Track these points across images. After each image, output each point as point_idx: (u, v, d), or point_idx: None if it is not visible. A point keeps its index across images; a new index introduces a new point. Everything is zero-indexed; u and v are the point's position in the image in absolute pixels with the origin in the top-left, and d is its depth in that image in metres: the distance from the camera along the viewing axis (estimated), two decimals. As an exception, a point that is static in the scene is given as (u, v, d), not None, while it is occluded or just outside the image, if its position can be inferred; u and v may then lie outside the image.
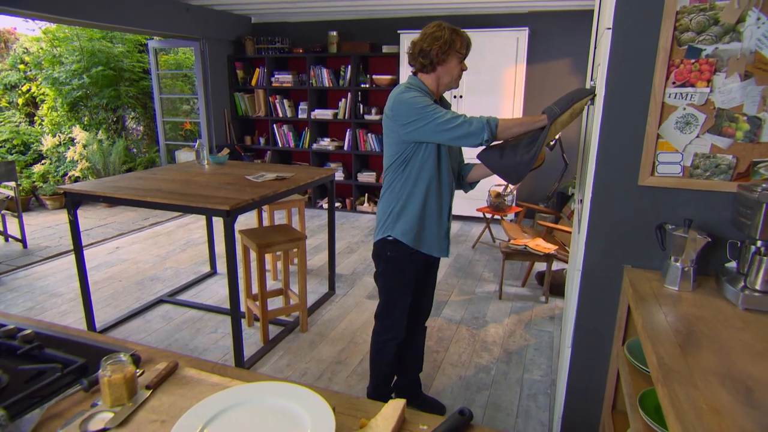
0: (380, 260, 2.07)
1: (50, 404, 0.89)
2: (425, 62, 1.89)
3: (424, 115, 1.79)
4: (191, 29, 5.56)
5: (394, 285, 2.07)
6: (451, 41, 1.86)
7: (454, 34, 1.87)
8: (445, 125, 1.76)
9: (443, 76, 1.92)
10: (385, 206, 2.02)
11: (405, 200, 1.95)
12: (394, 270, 2.05)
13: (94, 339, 1.11)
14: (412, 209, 1.95)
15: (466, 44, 1.92)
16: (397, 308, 2.10)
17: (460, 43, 1.89)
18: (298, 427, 0.79)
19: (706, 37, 1.45)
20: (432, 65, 1.89)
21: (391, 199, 1.99)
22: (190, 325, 3.26)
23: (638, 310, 1.36)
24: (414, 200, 1.95)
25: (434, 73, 1.91)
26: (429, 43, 1.86)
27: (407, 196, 1.95)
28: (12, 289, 3.81)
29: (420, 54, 1.89)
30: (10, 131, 6.75)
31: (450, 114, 1.78)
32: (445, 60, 1.88)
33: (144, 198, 2.61)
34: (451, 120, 1.76)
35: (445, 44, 1.85)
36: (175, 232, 5.31)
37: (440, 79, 1.92)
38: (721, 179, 1.52)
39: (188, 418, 0.79)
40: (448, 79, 1.93)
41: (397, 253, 2.00)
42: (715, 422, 0.89)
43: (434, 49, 1.85)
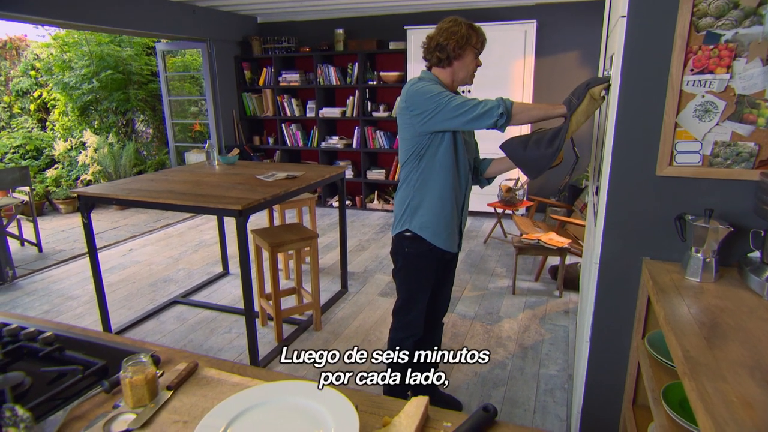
0: (399, 257, 2.06)
1: (73, 406, 0.89)
2: (442, 56, 1.88)
3: (438, 102, 1.76)
4: (198, 31, 5.57)
5: (413, 282, 2.06)
6: (468, 36, 1.85)
7: (471, 30, 1.87)
8: (459, 108, 1.73)
9: (459, 71, 1.90)
10: (402, 200, 2.00)
11: (422, 194, 1.94)
12: (413, 267, 2.04)
13: (113, 340, 1.11)
14: (429, 203, 1.93)
15: (482, 40, 1.91)
16: (416, 305, 2.09)
17: (476, 38, 1.88)
18: (321, 426, 0.78)
19: (726, 21, 1.41)
20: (448, 60, 1.88)
21: (408, 192, 1.97)
22: (204, 325, 3.27)
23: (659, 303, 1.34)
24: (431, 194, 1.93)
25: (450, 67, 1.90)
26: (446, 38, 1.85)
27: (424, 189, 1.93)
28: (29, 292, 3.85)
29: (436, 48, 1.88)
30: (23, 137, 6.83)
31: (463, 98, 1.76)
32: (462, 55, 1.87)
33: (156, 200, 2.61)
34: (464, 103, 1.73)
35: (462, 39, 1.84)
36: (187, 233, 5.34)
37: (456, 74, 1.91)
38: (742, 167, 1.49)
39: (211, 418, 0.78)
40: (463, 74, 1.91)
41: (415, 249, 1.99)
42: (748, 415, 0.87)
43: (451, 43, 1.84)
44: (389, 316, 3.31)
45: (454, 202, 1.97)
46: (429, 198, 1.93)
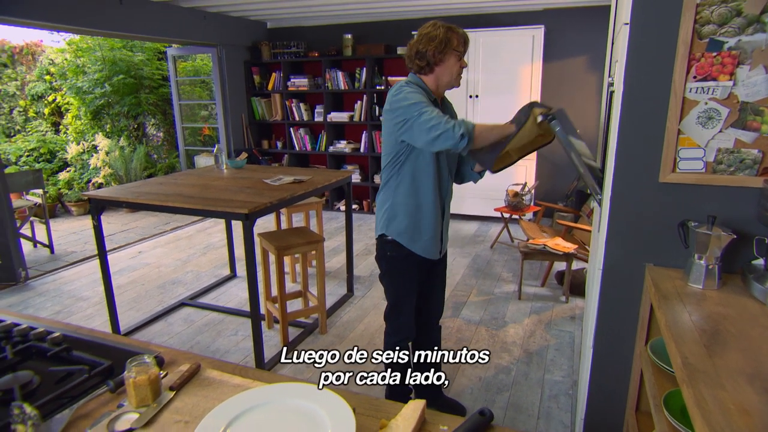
0: (382, 261, 2.07)
1: (79, 405, 0.92)
2: (422, 64, 1.85)
3: (411, 113, 1.72)
4: (208, 36, 5.65)
5: (398, 285, 2.07)
6: (447, 40, 1.81)
7: (450, 32, 1.82)
8: (423, 125, 1.69)
9: (442, 75, 1.87)
10: (381, 203, 2.01)
11: (400, 200, 1.94)
12: (397, 270, 2.05)
13: (119, 341, 1.14)
14: (407, 209, 1.94)
15: (463, 41, 1.86)
16: (404, 308, 2.10)
17: (457, 40, 1.84)
18: (318, 427, 0.79)
19: (729, 29, 1.42)
20: (429, 66, 1.85)
21: (387, 197, 1.98)
22: (211, 327, 3.31)
23: (661, 309, 1.34)
24: (409, 200, 1.93)
25: (432, 74, 1.87)
26: (425, 44, 1.82)
27: (403, 195, 1.93)
28: (41, 293, 3.91)
29: (416, 56, 1.85)
30: (38, 140, 6.95)
31: (431, 115, 1.69)
32: (443, 60, 1.83)
33: (165, 203, 2.65)
34: (429, 121, 1.68)
35: (441, 44, 1.80)
36: (195, 236, 5.39)
37: (439, 79, 1.88)
38: (746, 174, 1.49)
39: (211, 418, 0.80)
40: (447, 78, 1.88)
41: (396, 253, 2.00)
42: (744, 423, 0.87)
43: (430, 49, 1.81)
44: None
45: (433, 209, 1.97)
46: (407, 204, 1.94)
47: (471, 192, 5.51)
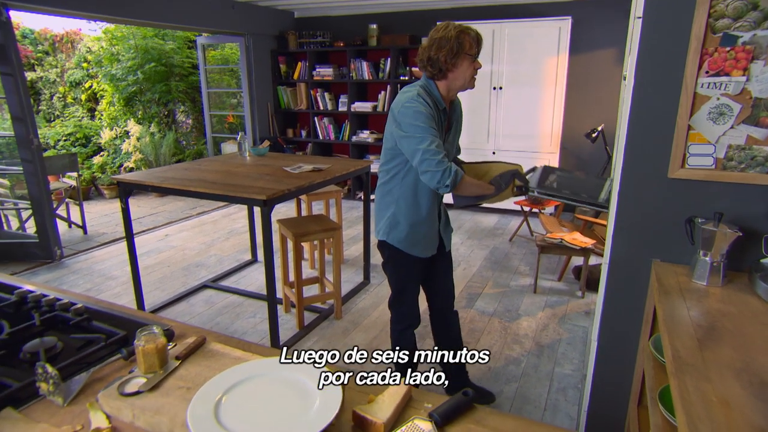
0: (384, 251, 2.13)
1: (95, 369, 1.00)
2: (434, 71, 1.83)
3: (416, 135, 1.76)
4: (236, 25, 5.75)
5: (401, 274, 2.12)
6: (459, 45, 1.77)
7: (462, 35, 1.78)
8: (422, 155, 1.74)
9: (455, 80, 1.85)
10: (382, 209, 2.05)
11: (403, 210, 1.98)
12: (398, 261, 2.09)
13: (135, 315, 1.22)
14: (409, 220, 1.98)
15: (476, 42, 1.83)
16: (407, 296, 2.14)
17: (470, 43, 1.79)
18: (308, 397, 0.85)
19: (744, 23, 1.40)
20: (442, 73, 1.83)
21: (389, 204, 2.01)
22: (230, 309, 3.43)
23: (660, 304, 1.35)
24: (411, 211, 1.97)
25: (446, 80, 1.85)
26: (436, 50, 1.79)
27: (405, 206, 1.97)
28: (74, 271, 4.12)
29: (428, 62, 1.82)
30: (74, 125, 7.24)
31: (434, 147, 1.74)
32: (456, 65, 1.80)
33: (188, 188, 2.76)
34: (431, 152, 1.73)
35: (452, 50, 1.77)
36: (220, 221, 5.55)
37: (452, 84, 1.86)
38: (757, 171, 1.47)
39: (210, 386, 0.87)
40: (460, 83, 1.86)
41: (396, 252, 2.05)
42: (723, 414, 0.89)
43: (442, 56, 1.78)
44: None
45: (433, 216, 2.04)
46: (408, 215, 1.98)
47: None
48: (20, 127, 3.89)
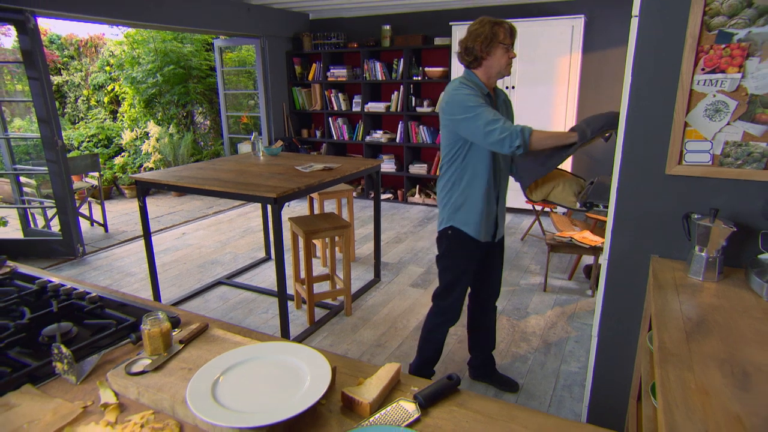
0: (442, 243, 2.20)
1: (106, 352, 1.07)
2: (469, 59, 1.99)
3: (471, 115, 1.90)
4: (252, 27, 5.86)
5: (454, 268, 2.19)
6: (493, 34, 1.92)
7: (496, 27, 1.93)
8: (484, 128, 1.86)
9: (491, 68, 1.99)
10: (445, 197, 2.15)
11: (465, 193, 2.07)
12: (455, 254, 2.17)
13: (145, 303, 1.30)
14: (472, 201, 2.06)
15: (509, 33, 1.96)
16: (455, 291, 2.21)
17: (503, 33, 1.94)
18: (300, 377, 0.91)
19: (739, 20, 1.41)
20: (477, 61, 1.98)
21: (449, 190, 2.11)
22: (244, 305, 3.51)
23: (654, 298, 1.37)
24: (473, 193, 2.06)
25: (481, 67, 2.00)
26: (472, 41, 1.96)
27: (466, 189, 2.06)
28: (95, 267, 4.27)
29: (465, 52, 2.00)
30: (97, 127, 7.47)
31: (492, 117, 1.86)
32: (489, 53, 1.95)
33: (202, 186, 2.85)
34: (490, 124, 1.84)
35: (486, 39, 1.92)
36: (236, 220, 5.67)
37: (489, 71, 2.00)
38: (754, 168, 1.48)
39: (208, 367, 0.93)
40: (496, 69, 1.99)
41: (457, 238, 2.12)
42: (700, 401, 0.91)
43: (477, 46, 1.94)
44: (418, 306, 3.43)
45: (494, 197, 2.11)
46: (471, 197, 2.06)
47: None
48: (46, 129, 4.05)
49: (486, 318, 2.45)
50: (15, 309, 1.25)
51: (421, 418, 0.88)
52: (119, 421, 0.86)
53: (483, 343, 2.50)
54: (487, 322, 2.46)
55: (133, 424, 0.84)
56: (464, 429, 0.85)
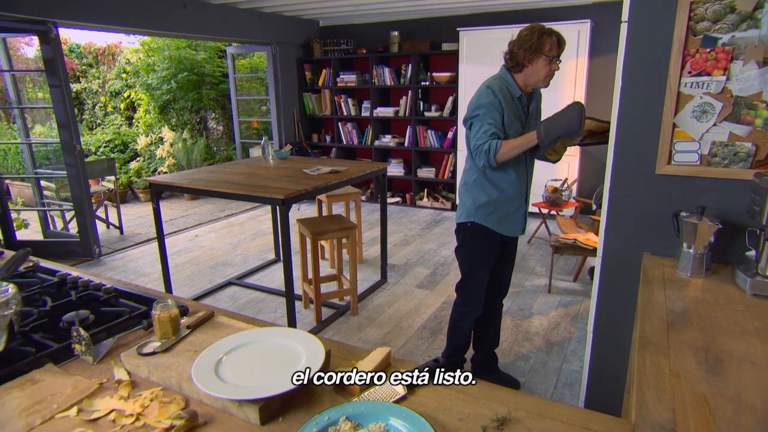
0: (460, 235, 2.28)
1: (119, 336, 1.16)
2: (512, 63, 2.04)
3: (474, 119, 2.01)
4: (264, 35, 6.00)
5: (473, 259, 2.27)
6: (539, 45, 1.96)
7: (544, 36, 1.97)
8: (472, 138, 2.01)
9: (530, 76, 2.04)
10: (463, 195, 2.22)
11: (489, 189, 2.13)
12: (473, 244, 2.24)
13: (154, 293, 1.39)
14: (497, 197, 2.13)
15: (557, 44, 2.00)
16: (475, 281, 2.29)
17: (550, 44, 1.97)
18: (296, 358, 0.98)
19: (723, 25, 1.46)
20: (519, 66, 2.03)
21: (474, 185, 2.16)
22: (253, 305, 3.61)
23: (641, 293, 1.42)
24: (499, 188, 2.12)
25: (521, 73, 2.05)
26: (518, 46, 2.00)
27: (491, 184, 2.13)
28: (111, 268, 4.40)
29: (510, 56, 2.05)
30: (113, 133, 7.67)
31: (481, 131, 1.97)
32: (532, 61, 1.99)
33: (213, 188, 2.95)
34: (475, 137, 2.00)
35: (531, 47, 1.97)
36: (247, 222, 5.78)
37: (528, 78, 2.05)
38: (740, 167, 1.52)
39: (213, 348, 1.01)
40: (535, 79, 2.04)
41: (477, 232, 2.20)
42: (670, 384, 0.97)
43: (521, 52, 1.99)
44: (423, 307, 3.50)
45: (520, 194, 2.17)
46: (497, 194, 2.13)
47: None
48: (65, 135, 4.21)
49: (493, 314, 2.51)
50: (38, 298, 1.34)
51: (407, 396, 0.95)
52: (131, 396, 0.95)
53: (487, 340, 2.56)
54: (494, 318, 2.52)
55: (143, 398, 0.92)
56: (446, 406, 0.92)
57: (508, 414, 0.88)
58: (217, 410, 0.91)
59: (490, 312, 2.50)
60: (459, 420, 0.87)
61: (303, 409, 0.91)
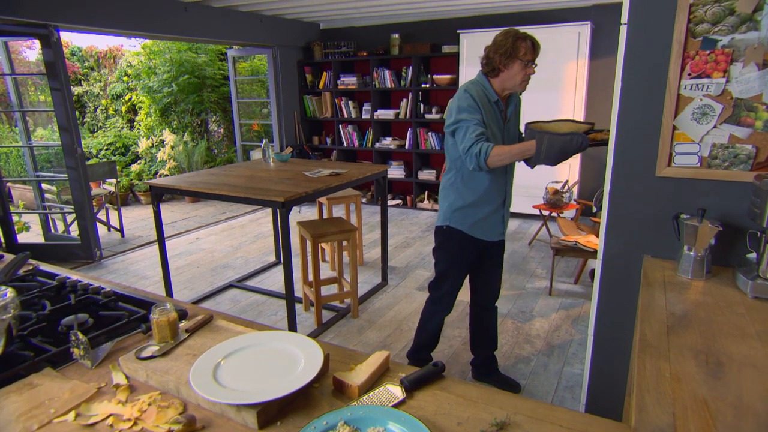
0: (437, 237, 2.30)
1: (118, 340, 1.16)
2: (488, 68, 2.06)
3: (458, 123, 2.00)
4: (265, 37, 6.01)
5: (447, 260, 2.28)
6: (514, 49, 1.98)
7: (519, 41, 1.98)
8: (460, 144, 1.98)
9: (506, 80, 2.05)
10: (443, 198, 2.23)
11: (465, 193, 2.15)
12: (449, 247, 2.26)
13: (153, 297, 1.38)
14: (473, 202, 2.14)
15: (531, 49, 2.01)
16: (447, 282, 2.30)
17: (525, 49, 1.99)
18: (294, 362, 0.98)
19: (722, 27, 1.46)
20: (495, 71, 2.04)
21: (451, 190, 2.18)
22: (254, 307, 3.60)
23: (641, 296, 1.41)
24: (475, 193, 2.13)
25: (498, 78, 2.06)
26: (493, 51, 2.02)
27: (467, 189, 2.14)
28: (112, 271, 4.40)
29: (486, 61, 2.06)
30: (114, 135, 7.69)
31: (467, 134, 1.95)
32: (508, 66, 2.01)
33: (213, 191, 2.95)
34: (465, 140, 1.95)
35: (507, 52, 1.98)
36: (248, 225, 5.79)
37: (504, 83, 2.07)
38: (740, 169, 1.52)
39: (211, 352, 1.01)
40: (511, 83, 2.06)
41: (453, 235, 2.21)
42: (671, 387, 0.96)
43: (497, 57, 2.00)
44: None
45: (495, 199, 2.17)
46: (473, 199, 2.14)
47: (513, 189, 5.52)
48: (66, 138, 4.21)
49: (486, 318, 2.51)
50: (37, 302, 1.34)
51: (406, 400, 0.94)
52: (129, 400, 0.94)
53: (484, 343, 2.56)
54: (488, 322, 2.52)
55: (141, 403, 0.92)
56: (445, 410, 0.91)
57: (508, 418, 0.87)
58: (215, 415, 0.90)
59: (484, 316, 2.50)
60: (458, 424, 0.87)
61: (301, 413, 0.91)
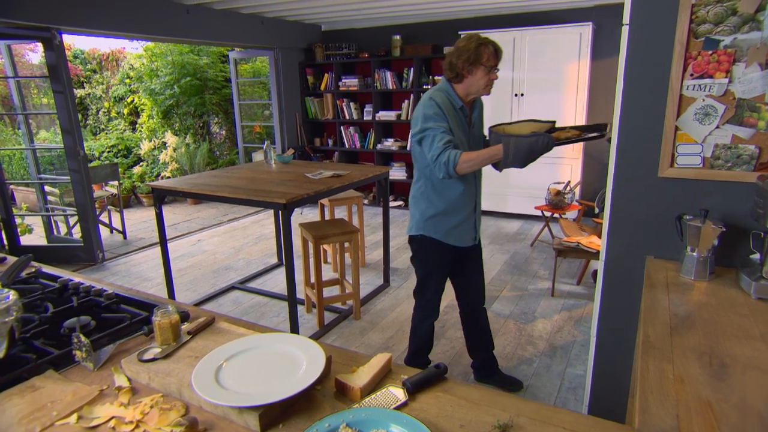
0: (412, 246, 2.29)
1: (120, 342, 1.16)
2: (452, 75, 2.05)
3: (425, 132, 1.97)
4: (266, 39, 6.02)
5: (427, 266, 2.29)
6: (477, 55, 1.97)
7: (481, 47, 1.98)
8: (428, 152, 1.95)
9: (470, 86, 2.05)
10: (414, 207, 2.22)
11: (436, 202, 2.14)
12: (425, 256, 2.26)
13: (155, 299, 1.38)
14: (444, 210, 2.13)
15: (494, 54, 2.01)
16: (429, 288, 2.30)
17: (487, 55, 1.98)
18: (296, 364, 0.98)
19: (724, 28, 1.46)
20: (459, 77, 2.03)
21: (420, 200, 2.18)
22: (256, 309, 3.60)
23: (644, 297, 1.41)
24: (446, 201, 2.12)
25: (461, 83, 2.06)
26: (456, 57, 2.01)
27: (438, 198, 2.13)
28: (114, 273, 4.41)
29: (449, 67, 2.04)
30: (117, 138, 7.71)
31: (435, 142, 1.93)
32: (471, 71, 2.00)
33: (215, 193, 2.96)
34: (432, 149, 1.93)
35: (470, 58, 1.97)
36: (250, 227, 5.79)
37: (468, 88, 2.06)
38: (743, 170, 1.51)
39: (213, 354, 1.01)
40: (475, 88, 2.05)
41: (427, 244, 2.20)
42: (674, 389, 0.96)
43: (460, 63, 1.99)
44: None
45: (467, 206, 2.16)
46: (444, 207, 2.13)
47: (514, 190, 5.53)
48: (69, 140, 4.22)
49: (477, 320, 2.51)
50: (39, 304, 1.35)
51: (408, 402, 0.94)
52: (131, 403, 0.94)
53: (480, 345, 2.56)
54: (480, 324, 2.52)
55: (143, 405, 0.92)
56: (448, 412, 0.91)
57: (510, 420, 0.87)
58: (217, 417, 0.90)
59: (474, 318, 2.50)
60: (460, 426, 0.87)
61: (303, 415, 0.91)
